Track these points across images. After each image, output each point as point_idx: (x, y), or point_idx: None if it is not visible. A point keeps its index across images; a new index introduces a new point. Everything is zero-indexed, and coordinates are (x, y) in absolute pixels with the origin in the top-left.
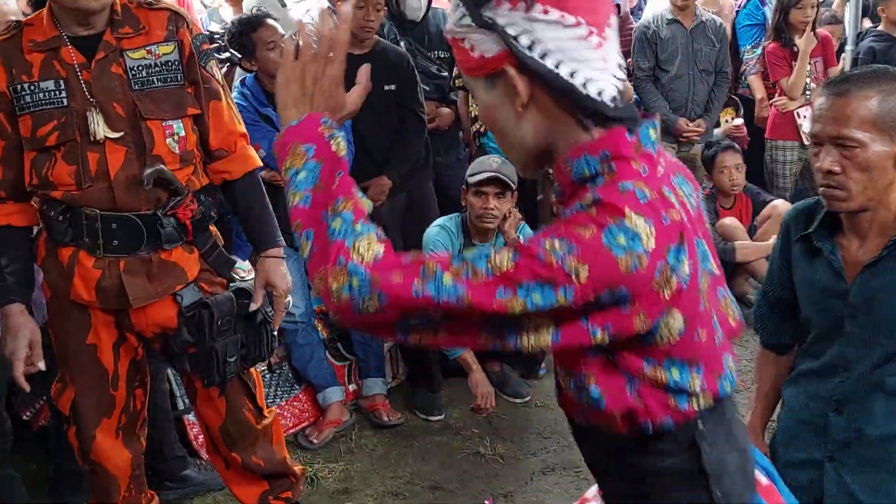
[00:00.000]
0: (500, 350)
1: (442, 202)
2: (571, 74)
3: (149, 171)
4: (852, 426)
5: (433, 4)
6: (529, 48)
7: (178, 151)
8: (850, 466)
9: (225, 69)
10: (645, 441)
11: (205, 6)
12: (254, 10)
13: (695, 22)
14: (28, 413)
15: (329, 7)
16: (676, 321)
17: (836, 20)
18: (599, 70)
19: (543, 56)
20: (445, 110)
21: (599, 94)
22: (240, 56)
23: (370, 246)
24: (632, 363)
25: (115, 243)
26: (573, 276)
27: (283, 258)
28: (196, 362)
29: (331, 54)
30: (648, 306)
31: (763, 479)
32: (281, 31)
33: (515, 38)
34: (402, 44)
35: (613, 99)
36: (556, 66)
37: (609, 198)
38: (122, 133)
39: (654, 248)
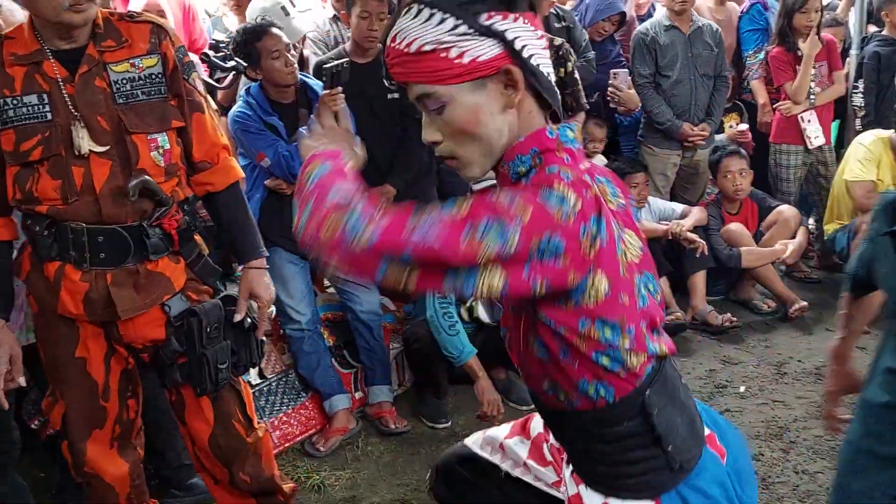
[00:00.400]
0: (458, 298)
1: None
2: (548, 73)
3: (134, 181)
4: None
5: None
6: (523, 50)
7: (163, 164)
8: None
9: (230, 78)
10: (604, 412)
11: (209, 15)
12: (258, 20)
13: (692, 27)
14: (36, 422)
15: (334, 16)
16: (602, 282)
17: (837, 22)
18: (550, 66)
19: (531, 57)
20: None
21: (548, 74)
22: (245, 64)
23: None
24: (567, 321)
25: (101, 256)
26: (519, 216)
27: (265, 269)
28: (188, 371)
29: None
30: (577, 262)
31: (707, 431)
32: (286, 39)
33: (513, 41)
34: None
35: (551, 78)
36: (538, 65)
37: (539, 178)
38: (107, 147)
39: (579, 210)
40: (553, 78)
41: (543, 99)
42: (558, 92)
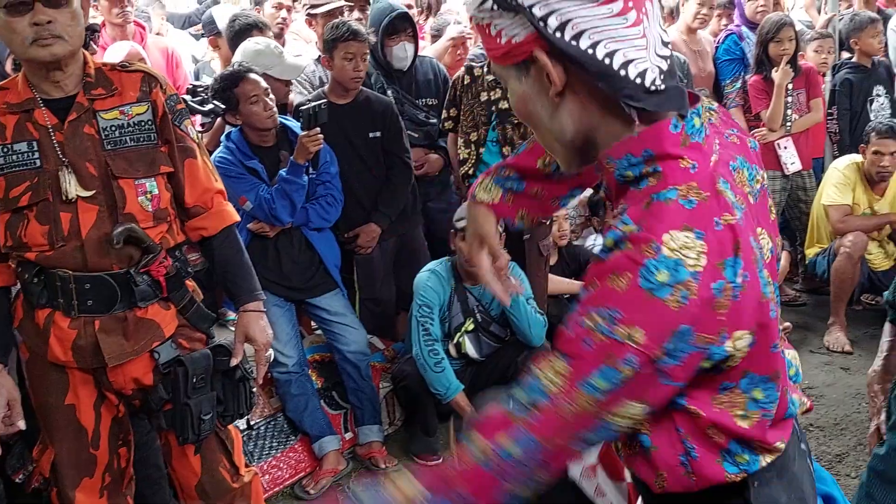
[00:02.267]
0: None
1: (436, 246)
2: (609, 56)
3: (119, 229)
4: None
5: (420, 53)
6: (560, 29)
7: (150, 209)
8: None
9: (208, 123)
10: (701, 494)
11: (196, 60)
12: (236, 65)
13: None
14: (20, 476)
15: (319, 56)
16: (742, 339)
17: (824, 35)
18: (640, 49)
19: (577, 37)
20: (434, 156)
21: (641, 76)
22: (223, 107)
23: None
24: (703, 397)
25: (89, 303)
26: (629, 343)
27: (262, 312)
28: (171, 419)
29: None
30: (711, 329)
31: None
32: (263, 84)
33: (544, 19)
34: (389, 92)
35: (654, 82)
36: (592, 48)
37: (644, 221)
38: (93, 192)
39: (704, 267)
40: (630, 52)
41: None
42: (647, 70)
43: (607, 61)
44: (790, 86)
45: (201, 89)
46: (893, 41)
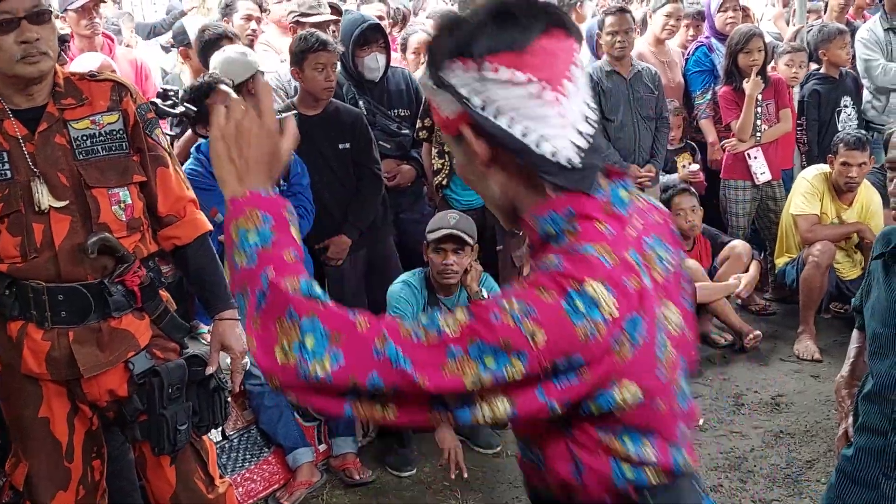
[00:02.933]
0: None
1: (409, 257)
2: (525, 134)
3: (93, 239)
4: None
5: (392, 64)
6: (483, 108)
7: (124, 219)
8: None
9: (179, 131)
10: None
11: (165, 72)
12: (207, 76)
13: (632, 72)
14: None
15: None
16: (632, 392)
17: (797, 49)
18: (557, 127)
19: (496, 115)
20: (406, 167)
21: (555, 153)
22: (195, 109)
23: (326, 302)
24: (587, 433)
25: (62, 314)
26: (530, 340)
27: (237, 320)
28: (147, 430)
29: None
30: (604, 378)
31: None
32: (234, 95)
33: (468, 98)
34: (360, 103)
35: (569, 159)
36: (509, 126)
37: (571, 263)
38: (66, 202)
39: (613, 318)
40: (544, 129)
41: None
42: (569, 146)
43: (524, 139)
44: (760, 96)
45: (172, 93)
46: (861, 52)
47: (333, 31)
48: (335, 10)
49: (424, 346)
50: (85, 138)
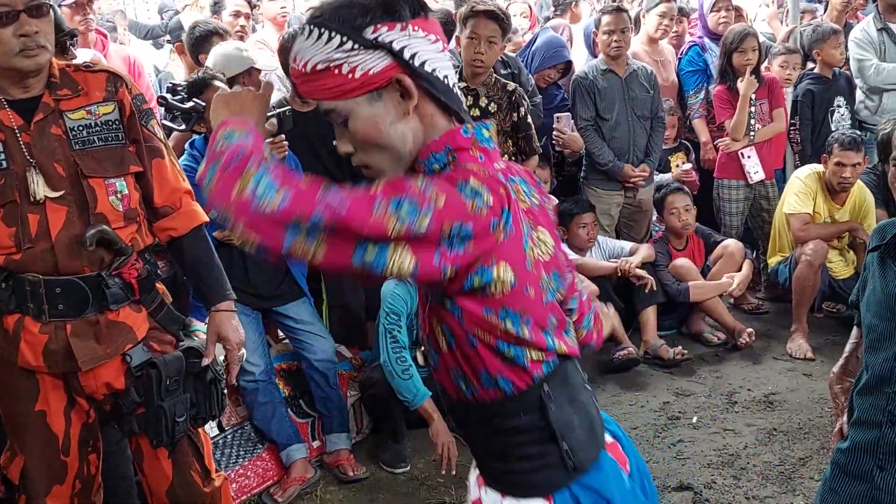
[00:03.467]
0: (368, 278)
1: None
2: (445, 77)
3: (91, 231)
4: None
5: None
6: (412, 58)
7: (121, 209)
8: None
9: (190, 121)
10: (503, 404)
11: (158, 70)
12: (201, 72)
13: (627, 71)
14: None
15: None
16: (507, 273)
17: (791, 50)
18: (447, 64)
19: (423, 63)
20: None
21: (446, 77)
22: (203, 104)
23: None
24: (473, 310)
25: (59, 307)
26: (433, 201)
27: (233, 311)
28: (145, 423)
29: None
30: (486, 251)
31: (609, 438)
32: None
33: (401, 51)
34: None
35: (454, 83)
36: (433, 71)
37: (454, 172)
38: (62, 192)
39: (491, 205)
40: (451, 78)
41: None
42: (458, 94)
43: (445, 80)
44: (753, 96)
45: (181, 88)
46: (854, 52)
47: None
48: None
49: (358, 197)
50: (81, 128)
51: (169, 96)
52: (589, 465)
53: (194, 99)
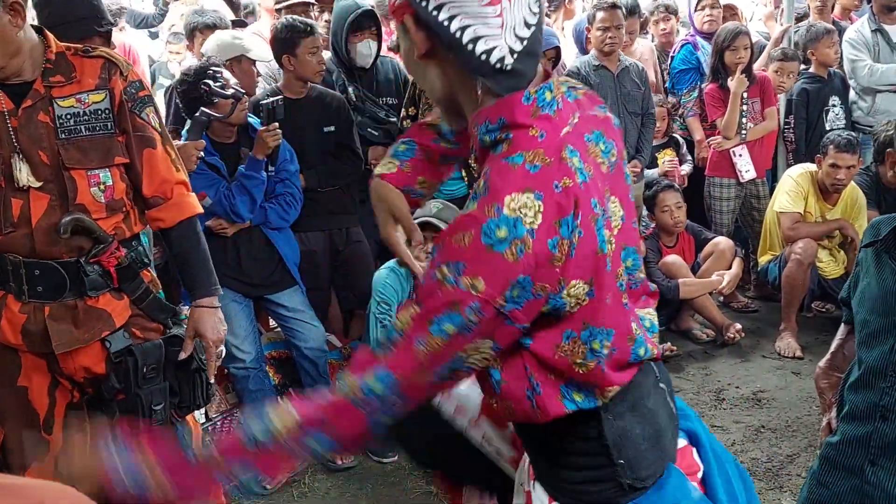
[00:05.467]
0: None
1: None
2: (461, 30)
3: (66, 219)
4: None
5: (382, 53)
6: (428, 4)
7: (103, 200)
8: (891, 470)
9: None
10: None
11: (153, 60)
12: (204, 60)
13: (619, 67)
14: None
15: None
16: (578, 288)
17: (789, 57)
18: (494, 27)
19: (438, 8)
20: None
21: (487, 53)
22: (243, 92)
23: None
24: (548, 342)
25: (38, 289)
26: (472, 291)
27: (216, 307)
28: (124, 409)
29: None
30: (551, 282)
31: (682, 442)
32: (232, 80)
33: None
34: (350, 90)
35: (503, 60)
36: (448, 21)
37: (493, 182)
38: (44, 182)
39: (540, 225)
40: (481, 34)
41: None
42: (502, 56)
43: (458, 35)
44: (745, 94)
45: (219, 74)
46: (848, 53)
47: (316, 17)
48: None
49: (398, 357)
50: (69, 117)
51: (211, 83)
52: (651, 483)
53: (233, 86)
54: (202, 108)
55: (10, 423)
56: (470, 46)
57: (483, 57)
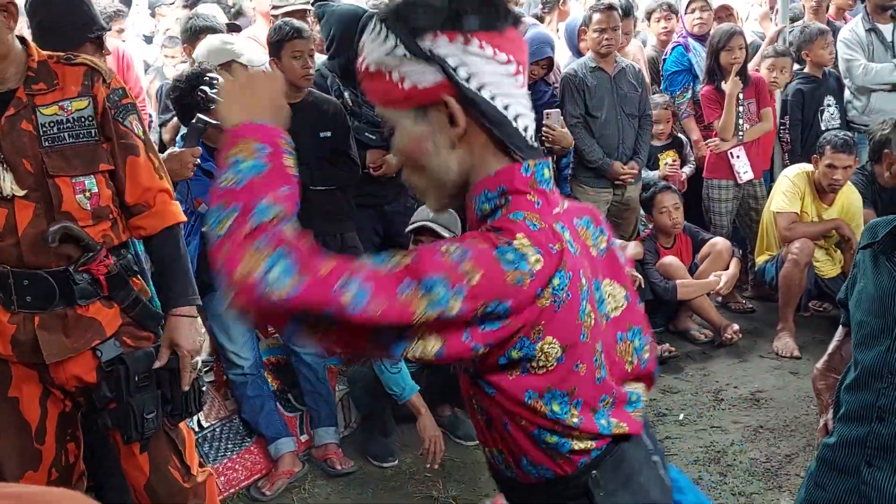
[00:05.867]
0: (384, 359)
1: (393, 249)
2: (506, 108)
3: (54, 228)
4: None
5: None
6: (468, 80)
7: (89, 208)
8: (888, 471)
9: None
10: (546, 487)
11: (148, 65)
12: (197, 66)
13: (616, 69)
14: None
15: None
16: (553, 348)
17: (780, 53)
18: (525, 106)
19: (480, 88)
20: (391, 157)
21: (525, 129)
22: None
23: (297, 236)
24: (511, 392)
25: (28, 299)
26: (467, 279)
27: (193, 317)
28: (116, 418)
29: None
30: (526, 327)
31: None
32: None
33: (455, 69)
34: (346, 95)
35: (532, 137)
36: (493, 99)
37: (502, 224)
38: (28, 190)
39: (538, 271)
40: (517, 107)
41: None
42: (525, 126)
43: (504, 112)
44: (741, 96)
45: (215, 80)
46: (843, 53)
47: (312, 22)
48: None
49: (382, 278)
50: (52, 125)
51: (207, 89)
52: None
53: None
54: (198, 115)
55: (2, 435)
56: (514, 123)
57: (523, 133)
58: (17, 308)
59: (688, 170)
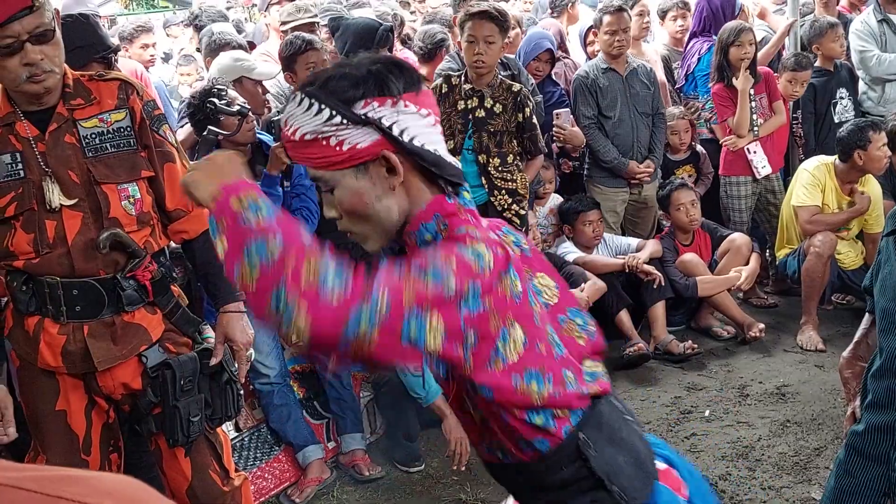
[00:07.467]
0: (412, 360)
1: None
2: (435, 151)
3: (105, 234)
4: None
5: None
6: (401, 134)
7: (134, 213)
8: None
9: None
10: (542, 462)
11: (165, 84)
12: (212, 80)
13: (628, 69)
14: None
15: (288, 73)
16: (518, 333)
17: (802, 66)
18: (444, 148)
19: (412, 139)
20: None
21: (453, 164)
22: (249, 107)
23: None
24: (503, 385)
25: (77, 309)
26: (449, 264)
27: (242, 312)
28: (161, 422)
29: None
30: (499, 310)
31: (661, 465)
32: (241, 99)
33: (390, 127)
34: None
35: (455, 166)
36: (422, 145)
37: (450, 236)
38: (77, 199)
39: (493, 267)
40: (441, 149)
41: (433, 171)
42: (451, 161)
43: (435, 152)
44: (752, 91)
45: (224, 92)
46: (855, 44)
47: (319, 34)
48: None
49: (390, 273)
50: (94, 136)
51: (216, 101)
52: (645, 500)
53: (239, 103)
54: (209, 127)
55: (51, 448)
56: (431, 150)
57: (436, 152)
58: (66, 319)
59: (702, 189)
